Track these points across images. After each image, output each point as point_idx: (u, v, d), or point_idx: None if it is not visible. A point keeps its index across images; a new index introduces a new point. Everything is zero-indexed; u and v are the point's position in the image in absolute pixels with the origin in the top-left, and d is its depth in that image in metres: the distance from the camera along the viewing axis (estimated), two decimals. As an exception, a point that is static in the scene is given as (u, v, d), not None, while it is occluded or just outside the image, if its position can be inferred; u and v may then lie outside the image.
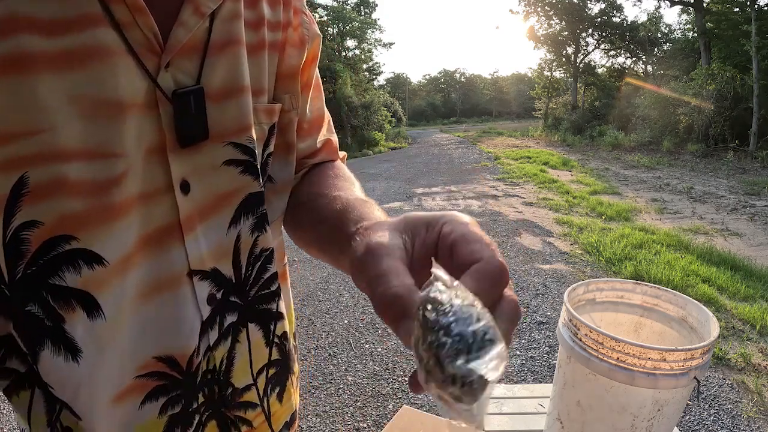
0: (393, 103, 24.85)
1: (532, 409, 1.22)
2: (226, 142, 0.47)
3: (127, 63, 0.39)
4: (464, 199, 7.44)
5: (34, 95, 0.35)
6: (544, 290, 3.70)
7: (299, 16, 0.57)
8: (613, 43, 24.50)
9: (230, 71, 0.46)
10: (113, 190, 0.39)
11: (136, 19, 0.39)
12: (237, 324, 0.51)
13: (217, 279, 0.48)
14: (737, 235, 5.17)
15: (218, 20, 0.45)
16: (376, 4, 27.07)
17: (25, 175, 0.35)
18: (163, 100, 0.41)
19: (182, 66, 0.43)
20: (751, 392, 2.37)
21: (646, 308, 0.97)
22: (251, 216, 0.50)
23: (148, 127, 0.41)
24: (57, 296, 0.39)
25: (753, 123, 12.06)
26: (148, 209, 0.42)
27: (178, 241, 0.44)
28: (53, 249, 0.38)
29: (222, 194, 0.47)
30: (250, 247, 0.51)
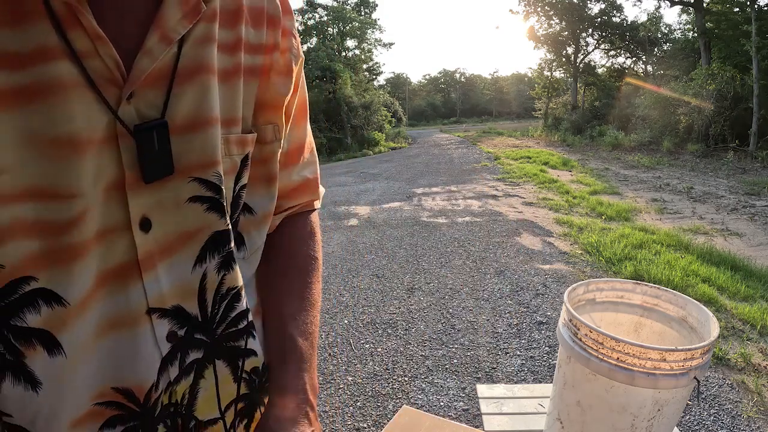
0: (393, 103, 24.86)
1: (532, 409, 1.22)
2: (191, 177, 0.44)
3: (86, 96, 0.37)
4: (464, 199, 7.44)
5: None
6: (544, 290, 3.70)
7: (288, 38, 0.53)
8: (613, 43, 24.49)
9: (198, 102, 0.43)
10: (72, 230, 0.38)
11: (97, 48, 0.37)
12: (202, 360, 0.50)
13: (179, 317, 0.47)
14: (737, 235, 5.17)
15: (188, 45, 0.42)
16: (376, 4, 27.05)
17: None
18: (124, 134, 0.39)
19: (146, 97, 0.40)
20: (751, 392, 2.37)
21: (646, 308, 0.97)
22: (217, 255, 0.48)
23: (107, 164, 0.39)
24: (17, 335, 0.38)
25: (753, 123, 12.06)
26: (107, 247, 0.41)
27: (137, 278, 0.43)
28: (14, 291, 0.37)
29: (186, 232, 0.45)
30: (217, 285, 0.49)
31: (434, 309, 3.46)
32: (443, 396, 2.41)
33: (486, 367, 2.67)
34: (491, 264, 4.36)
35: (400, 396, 2.44)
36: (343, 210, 6.83)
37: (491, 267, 4.29)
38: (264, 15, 0.50)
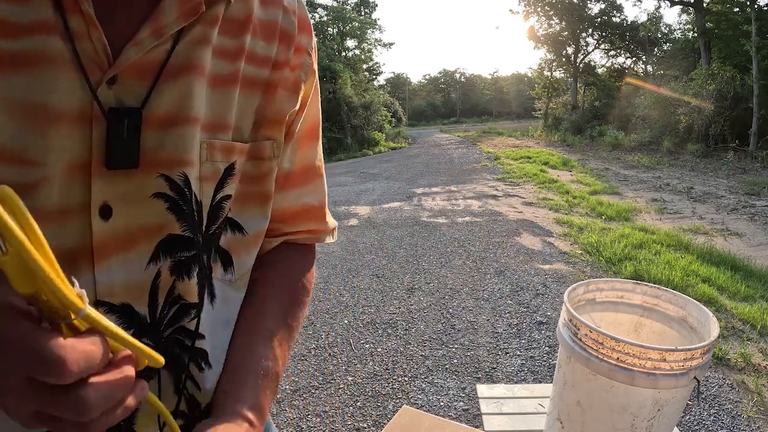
0: (393, 103, 24.87)
1: (532, 409, 1.22)
2: (158, 173, 0.43)
3: (70, 73, 0.38)
4: (464, 199, 7.45)
5: None
6: (544, 290, 3.70)
7: (301, 55, 0.53)
8: (613, 43, 24.50)
9: (180, 100, 0.43)
10: (27, 197, 0.37)
11: (89, 31, 0.39)
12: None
13: (127, 315, 0.45)
14: (737, 235, 5.17)
15: (182, 44, 0.43)
16: (376, 4, 27.07)
17: None
18: (98, 116, 0.40)
19: (129, 86, 0.41)
20: (751, 392, 2.37)
21: (646, 308, 0.97)
22: (169, 258, 0.46)
23: (77, 142, 0.39)
24: None
25: (753, 123, 12.06)
26: (61, 227, 0.40)
27: (88, 267, 0.41)
28: None
29: (146, 227, 0.44)
30: (169, 287, 0.47)
31: (434, 309, 3.46)
32: (443, 396, 2.41)
33: (486, 367, 2.67)
34: (491, 264, 4.37)
35: (400, 396, 2.44)
36: (343, 210, 6.84)
37: (491, 267, 4.29)
38: (277, 30, 0.51)
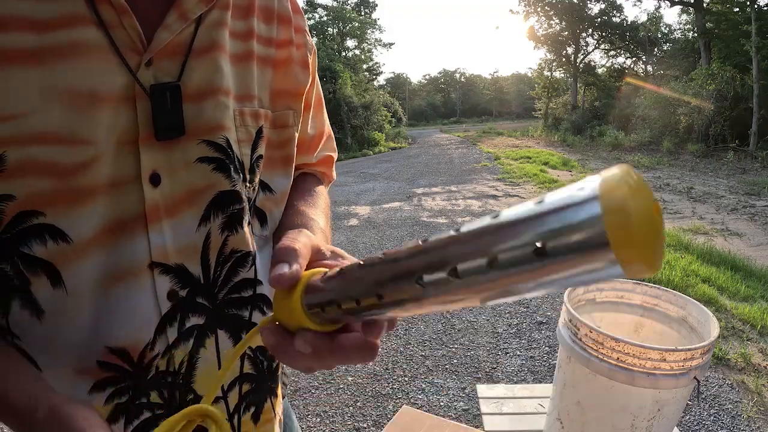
0: (393, 103, 24.84)
1: (532, 409, 1.22)
2: (200, 139, 0.48)
3: (109, 59, 0.42)
4: (464, 199, 7.44)
5: (15, 84, 0.39)
6: (544, 290, 3.70)
7: (302, 34, 0.59)
8: (613, 43, 24.49)
9: (209, 73, 0.48)
10: (80, 175, 0.42)
11: (121, 19, 0.42)
12: (204, 328, 0.50)
13: (182, 276, 0.48)
14: (737, 235, 5.17)
15: (203, 26, 0.48)
16: (376, 4, 27.08)
17: (4, 154, 0.39)
18: (141, 94, 0.44)
19: (164, 65, 0.45)
20: (751, 392, 2.37)
21: (646, 308, 0.97)
22: (221, 214, 0.50)
23: (123, 119, 0.43)
24: (25, 262, 0.42)
25: (753, 123, 12.06)
26: (116, 197, 0.44)
27: (142, 231, 0.45)
28: (24, 221, 0.41)
29: (193, 190, 0.48)
30: (220, 246, 0.50)
31: (434, 309, 3.46)
32: (443, 396, 2.41)
33: (486, 367, 2.67)
34: (491, 264, 4.36)
35: (400, 396, 2.44)
36: (342, 210, 6.83)
37: (491, 267, 4.29)
38: (274, 13, 0.56)
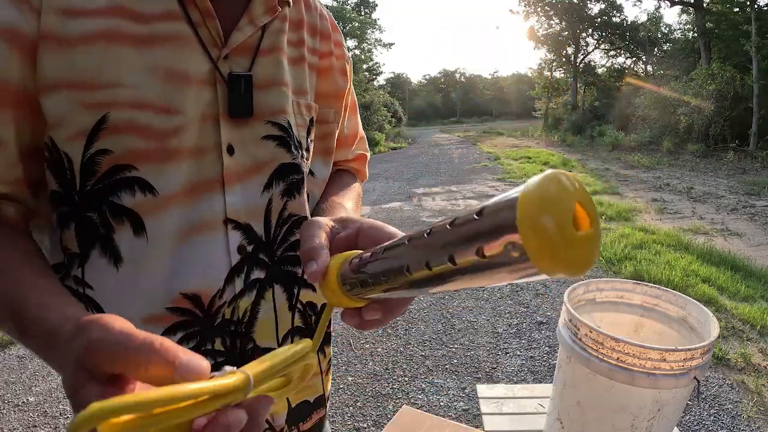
0: (393, 103, 24.81)
1: (532, 409, 1.22)
2: (266, 120, 0.57)
3: (196, 49, 0.52)
4: (464, 199, 7.44)
5: (122, 60, 0.48)
6: (544, 290, 3.70)
7: (340, 48, 0.71)
8: (613, 43, 24.49)
9: (273, 68, 0.58)
10: (171, 138, 0.50)
11: (205, 20, 0.52)
12: (264, 282, 0.57)
13: (249, 233, 0.56)
14: (737, 235, 5.17)
15: (268, 32, 0.58)
16: (376, 4, 27.07)
17: (107, 115, 0.47)
18: (220, 80, 0.53)
19: (238, 60, 0.55)
20: (751, 392, 2.37)
21: (646, 308, 0.97)
22: (282, 182, 0.59)
23: (206, 97, 0.52)
24: (113, 210, 0.49)
25: (753, 123, 12.06)
26: (199, 161, 0.52)
27: (219, 192, 0.54)
28: (117, 173, 0.49)
29: (260, 161, 0.57)
30: (280, 210, 0.60)
31: (434, 309, 3.46)
32: (443, 396, 2.41)
33: (486, 367, 2.67)
34: (491, 264, 4.36)
35: (400, 396, 2.44)
36: (343, 210, 6.83)
37: (491, 267, 4.29)
38: (317, 30, 0.67)
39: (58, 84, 0.46)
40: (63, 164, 0.49)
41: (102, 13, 0.47)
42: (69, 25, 0.46)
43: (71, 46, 0.46)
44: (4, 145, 0.47)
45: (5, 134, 0.47)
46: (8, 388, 2.66)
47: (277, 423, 0.62)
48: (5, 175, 0.48)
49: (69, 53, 0.46)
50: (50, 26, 0.46)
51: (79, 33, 0.46)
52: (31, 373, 2.82)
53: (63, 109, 0.47)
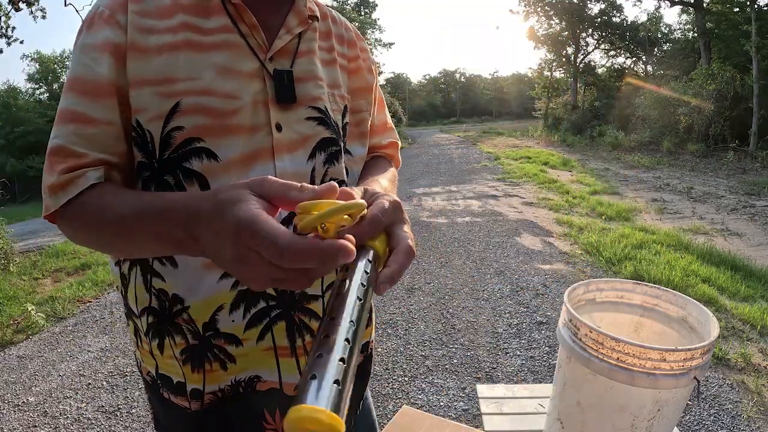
0: (393, 104, 24.79)
1: (532, 409, 1.22)
2: (307, 105, 0.69)
3: (247, 53, 0.66)
4: (464, 199, 7.44)
5: (192, 61, 0.63)
6: (544, 290, 3.70)
7: (366, 53, 0.86)
8: (613, 43, 24.48)
9: (309, 66, 0.71)
10: (230, 117, 0.63)
11: (252, 32, 0.67)
12: None
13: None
14: (737, 235, 5.17)
15: (303, 40, 0.72)
16: (376, 4, 27.07)
17: (180, 101, 0.61)
18: (267, 76, 0.66)
19: (281, 61, 0.69)
20: (751, 392, 2.37)
21: (646, 308, 0.97)
22: (323, 153, 0.71)
23: (257, 87, 0.65)
24: (185, 174, 0.62)
25: (753, 123, 12.05)
26: (253, 136, 0.64)
27: (270, 159, 0.65)
28: (189, 145, 0.62)
29: (303, 137, 0.69)
30: (322, 176, 0.71)
31: (434, 309, 3.46)
32: (443, 396, 2.41)
33: (486, 367, 2.67)
34: (491, 264, 4.36)
35: (400, 396, 2.44)
36: (343, 210, 6.82)
37: (491, 267, 4.29)
38: (344, 39, 0.82)
39: (141, 82, 0.61)
40: (147, 139, 0.62)
41: (173, 30, 0.63)
42: (148, 40, 0.62)
43: (151, 54, 0.62)
44: (114, 125, 0.62)
45: (114, 117, 0.61)
46: (8, 388, 2.66)
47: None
48: (115, 148, 0.62)
49: (150, 60, 0.61)
50: (134, 40, 0.62)
51: (156, 45, 0.62)
52: (31, 373, 2.82)
53: (146, 99, 0.61)
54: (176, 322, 0.65)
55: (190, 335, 0.65)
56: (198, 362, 0.65)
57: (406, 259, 0.47)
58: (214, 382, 0.66)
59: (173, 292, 0.64)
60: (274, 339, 0.66)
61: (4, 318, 3.65)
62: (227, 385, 0.66)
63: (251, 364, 0.66)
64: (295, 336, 0.67)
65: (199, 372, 0.65)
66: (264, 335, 0.65)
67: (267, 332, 0.65)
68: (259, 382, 0.67)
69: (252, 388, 0.67)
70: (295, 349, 0.67)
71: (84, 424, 2.34)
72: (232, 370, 0.65)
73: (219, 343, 0.64)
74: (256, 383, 0.67)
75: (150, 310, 0.66)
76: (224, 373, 0.65)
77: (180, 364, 0.66)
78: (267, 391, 0.67)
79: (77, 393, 2.61)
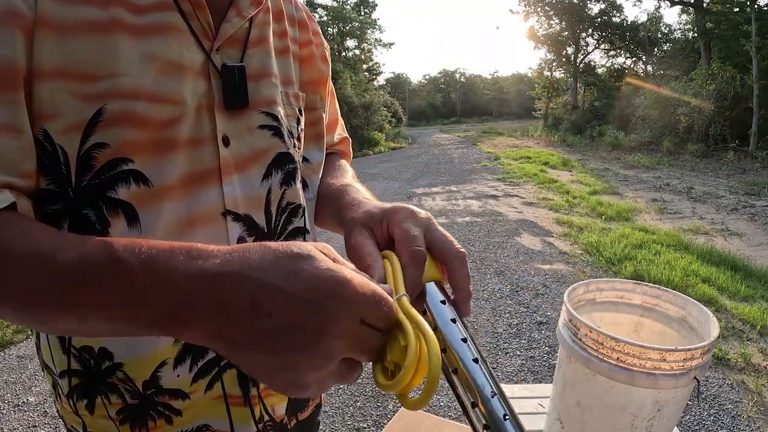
0: (393, 103, 24.81)
1: (532, 409, 1.22)
2: (260, 110, 0.58)
3: (189, 40, 0.52)
4: (464, 199, 7.44)
5: (118, 50, 0.46)
6: (544, 290, 3.70)
7: (318, 36, 0.72)
8: (613, 43, 24.49)
9: (262, 60, 0.59)
10: (167, 129, 0.49)
11: (196, 12, 0.52)
12: None
13: (249, 224, 0.56)
14: (737, 235, 5.17)
15: (254, 24, 0.59)
16: (376, 4, 27.08)
17: (104, 107, 0.46)
18: (214, 72, 0.53)
19: (229, 52, 0.56)
20: (751, 392, 2.37)
21: (646, 308, 0.97)
22: (280, 171, 0.60)
23: (202, 88, 0.52)
24: (109, 205, 0.48)
25: (753, 123, 12.05)
26: (195, 152, 0.52)
27: (216, 183, 0.53)
28: (114, 168, 0.47)
29: (257, 152, 0.57)
30: (279, 199, 0.60)
31: (434, 309, 3.46)
32: (443, 396, 2.41)
33: (486, 367, 2.67)
34: (491, 264, 4.36)
35: (400, 396, 2.44)
36: (343, 210, 6.83)
37: (491, 267, 4.29)
38: (295, 19, 0.68)
39: (54, 73, 0.44)
40: (58, 159, 0.46)
41: (99, 2, 0.46)
42: (64, 11, 0.44)
43: (68, 33, 0.45)
44: (24, 132, 0.44)
45: (22, 121, 0.43)
46: (8, 388, 2.66)
47: (277, 413, 0.62)
48: (24, 166, 0.44)
49: (66, 41, 0.45)
50: (47, 12, 0.44)
51: (74, 20, 0.45)
52: (31, 373, 2.82)
53: (59, 100, 0.45)
54: (110, 382, 0.52)
55: (128, 395, 0.53)
56: (140, 421, 0.54)
57: (462, 264, 0.44)
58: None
59: (100, 347, 0.51)
60: (224, 387, 0.56)
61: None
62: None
63: (200, 414, 0.56)
64: (248, 384, 0.58)
65: (141, 430, 0.54)
66: (213, 384, 0.56)
67: (216, 381, 0.56)
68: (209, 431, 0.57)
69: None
70: (249, 399, 0.58)
71: (84, 424, 2.34)
72: (178, 422, 0.55)
73: (163, 400, 0.54)
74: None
75: (72, 372, 0.53)
76: (169, 427, 0.55)
77: (116, 424, 0.54)
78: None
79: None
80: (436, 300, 0.42)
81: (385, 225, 0.47)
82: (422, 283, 0.43)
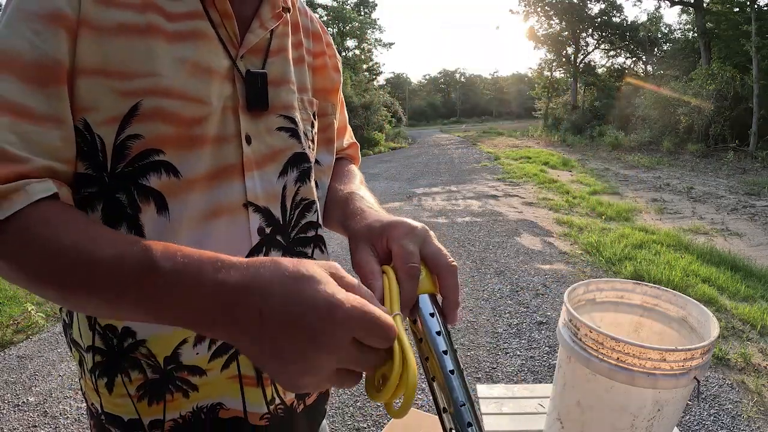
0: (393, 103, 24.80)
1: (532, 409, 1.22)
2: (279, 114, 0.63)
3: (218, 47, 0.57)
4: (464, 199, 7.44)
5: (153, 52, 0.52)
6: (544, 290, 3.70)
7: (331, 48, 0.78)
8: (613, 43, 24.50)
9: (282, 68, 0.64)
10: (195, 126, 0.54)
11: (224, 22, 0.57)
12: None
13: (267, 216, 0.61)
14: (737, 235, 5.17)
15: (275, 35, 0.64)
16: (376, 4, 27.08)
17: (140, 102, 0.51)
18: (239, 77, 0.58)
19: (252, 60, 0.61)
20: (751, 392, 2.37)
21: (646, 308, 0.97)
22: (296, 170, 0.65)
23: (227, 91, 0.57)
24: (140, 192, 0.53)
25: (753, 123, 12.05)
26: (220, 148, 0.57)
27: (239, 178, 0.58)
28: (147, 158, 0.52)
29: (274, 151, 0.62)
30: (293, 195, 0.65)
31: (434, 309, 3.46)
32: (443, 396, 2.41)
33: (486, 367, 2.67)
34: (491, 264, 4.36)
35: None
36: (343, 210, 6.82)
37: (491, 267, 4.29)
38: (309, 31, 0.74)
39: (95, 70, 0.49)
40: (96, 147, 0.51)
41: (136, 8, 0.51)
42: (105, 15, 0.50)
43: (107, 35, 0.50)
44: (65, 123, 0.49)
45: (64, 113, 0.49)
46: (8, 388, 2.66)
47: (288, 396, 0.66)
48: (65, 153, 0.49)
49: (105, 42, 0.50)
50: (89, 13, 0.49)
51: (114, 23, 0.50)
52: (31, 373, 2.82)
53: (98, 95, 0.50)
54: (133, 357, 0.56)
55: (150, 369, 0.57)
56: (158, 396, 0.58)
57: (452, 276, 0.49)
58: (175, 409, 0.59)
59: (123, 326, 0.55)
60: (239, 368, 0.60)
61: (4, 318, 3.65)
62: (188, 412, 0.60)
63: (215, 392, 0.60)
64: None
65: (159, 404, 0.58)
66: (229, 364, 0.59)
67: (232, 361, 0.59)
68: (222, 410, 0.61)
69: (214, 415, 0.61)
70: (261, 379, 0.61)
71: (84, 424, 2.34)
72: (195, 397, 0.59)
73: (182, 375, 0.58)
74: (219, 410, 0.61)
75: (95, 350, 0.57)
76: (186, 401, 0.59)
77: (134, 401, 0.58)
78: (230, 419, 0.62)
79: (77, 393, 2.61)
80: (426, 312, 0.47)
81: (385, 240, 0.52)
82: (417, 295, 0.48)
